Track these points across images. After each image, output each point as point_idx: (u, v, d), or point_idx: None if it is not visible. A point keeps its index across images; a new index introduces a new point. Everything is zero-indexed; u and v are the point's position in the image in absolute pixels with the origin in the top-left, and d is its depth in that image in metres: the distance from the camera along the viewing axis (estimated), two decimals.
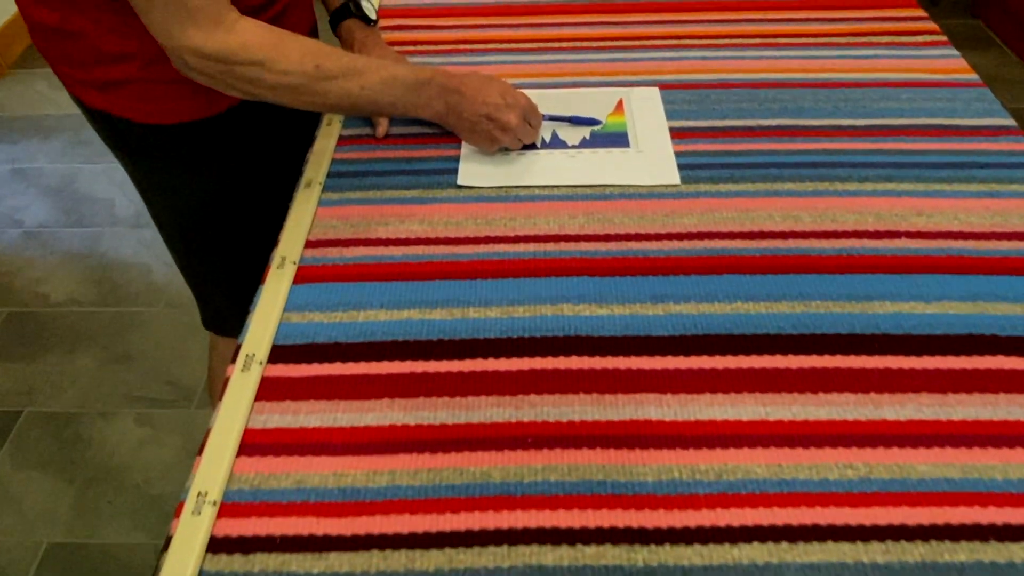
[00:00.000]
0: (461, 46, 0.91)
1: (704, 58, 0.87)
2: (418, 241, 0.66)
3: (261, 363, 0.56)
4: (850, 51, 0.88)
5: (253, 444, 0.51)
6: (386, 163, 0.74)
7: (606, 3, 0.98)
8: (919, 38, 0.90)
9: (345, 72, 0.65)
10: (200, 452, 0.51)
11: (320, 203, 0.70)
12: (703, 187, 0.70)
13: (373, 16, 0.83)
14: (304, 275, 0.63)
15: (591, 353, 0.56)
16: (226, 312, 0.90)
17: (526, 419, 0.53)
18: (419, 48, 0.91)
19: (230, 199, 0.81)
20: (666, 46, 0.89)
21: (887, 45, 0.89)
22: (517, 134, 0.72)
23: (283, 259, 0.64)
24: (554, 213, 0.68)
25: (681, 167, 0.72)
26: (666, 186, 0.70)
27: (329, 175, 0.74)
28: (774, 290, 0.61)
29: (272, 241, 0.68)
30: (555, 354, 0.56)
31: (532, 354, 0.57)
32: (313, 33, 0.88)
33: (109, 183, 1.83)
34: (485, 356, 0.56)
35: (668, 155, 0.74)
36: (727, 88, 0.82)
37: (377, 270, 0.63)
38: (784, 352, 0.56)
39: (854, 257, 0.63)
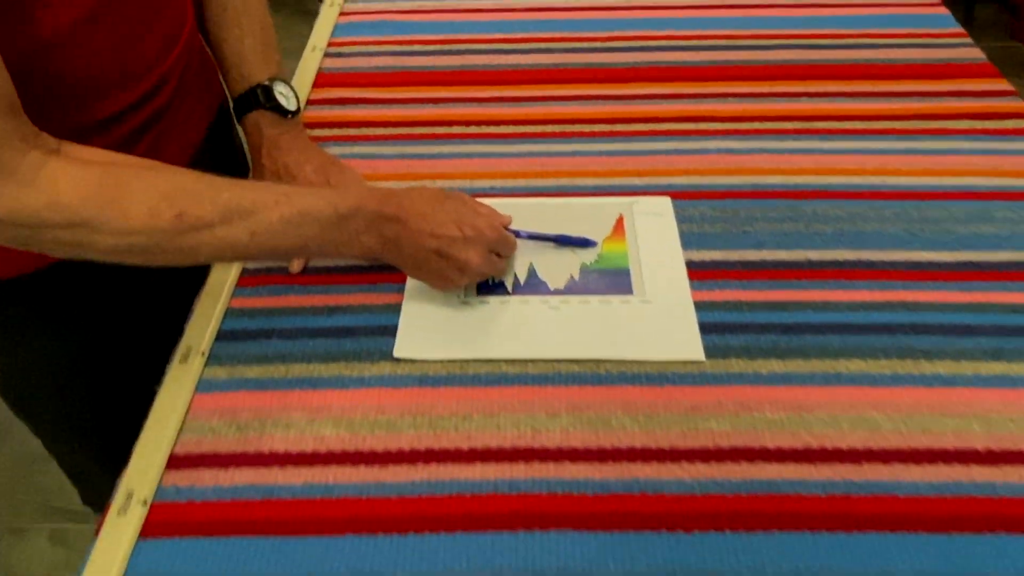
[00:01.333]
0: (413, 130, 0.71)
1: (730, 150, 0.67)
2: (328, 458, 0.46)
3: None
4: (920, 141, 0.68)
5: None
6: (298, 316, 0.54)
7: (601, 67, 0.78)
8: (1008, 123, 0.70)
9: (225, 216, 0.45)
10: None
11: (200, 386, 0.51)
12: (735, 366, 0.50)
13: (292, 105, 0.63)
14: (157, 521, 0.43)
15: None
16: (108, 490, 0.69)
17: None
18: (358, 133, 0.71)
19: (93, 365, 0.61)
20: (679, 132, 0.69)
21: (967, 133, 0.69)
22: (480, 272, 0.53)
23: (128, 496, 0.44)
24: (526, 407, 0.48)
25: (704, 329, 0.52)
26: (685, 364, 0.50)
27: (219, 336, 0.54)
28: (849, 559, 0.41)
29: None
30: None
31: None
32: (221, 124, 0.68)
33: None
34: None
35: (686, 309, 0.54)
36: (761, 197, 0.62)
37: (263, 513, 0.43)
38: None
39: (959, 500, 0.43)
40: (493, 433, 0.47)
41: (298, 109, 0.64)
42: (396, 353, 0.52)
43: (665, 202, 0.63)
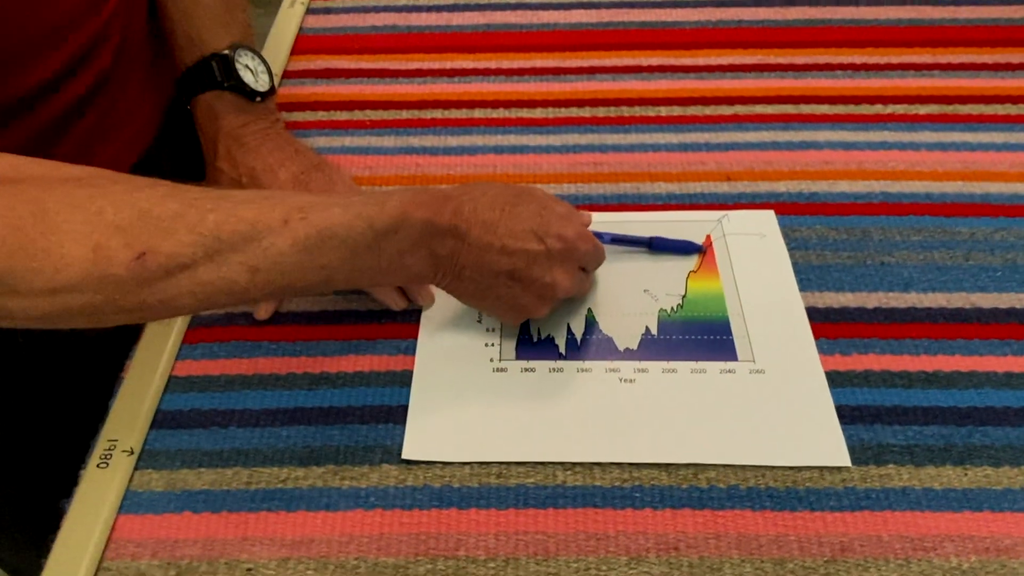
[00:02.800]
0: (423, 113, 0.54)
1: (847, 144, 0.50)
2: None
3: None
4: None
5: None
6: (268, 390, 0.39)
7: (669, 27, 0.61)
8: None
9: (211, 250, 0.30)
10: None
11: (125, 504, 0.36)
12: (895, 477, 0.35)
13: (262, 84, 0.46)
14: None
15: None
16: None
17: None
18: (349, 119, 0.54)
19: None
20: (779, 117, 0.52)
21: None
22: (567, 293, 0.38)
23: None
24: (596, 544, 0.33)
25: (845, 416, 0.37)
26: (822, 471, 0.35)
27: (156, 422, 0.39)
28: None
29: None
30: None
31: None
32: (167, 131, 0.51)
33: None
34: None
35: (817, 384, 0.38)
36: (898, 213, 0.46)
37: None
38: None
39: None
40: None
41: (271, 89, 0.47)
42: (406, 454, 0.37)
43: (768, 216, 0.47)
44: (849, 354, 0.40)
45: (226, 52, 0.46)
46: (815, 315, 0.42)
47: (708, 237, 0.46)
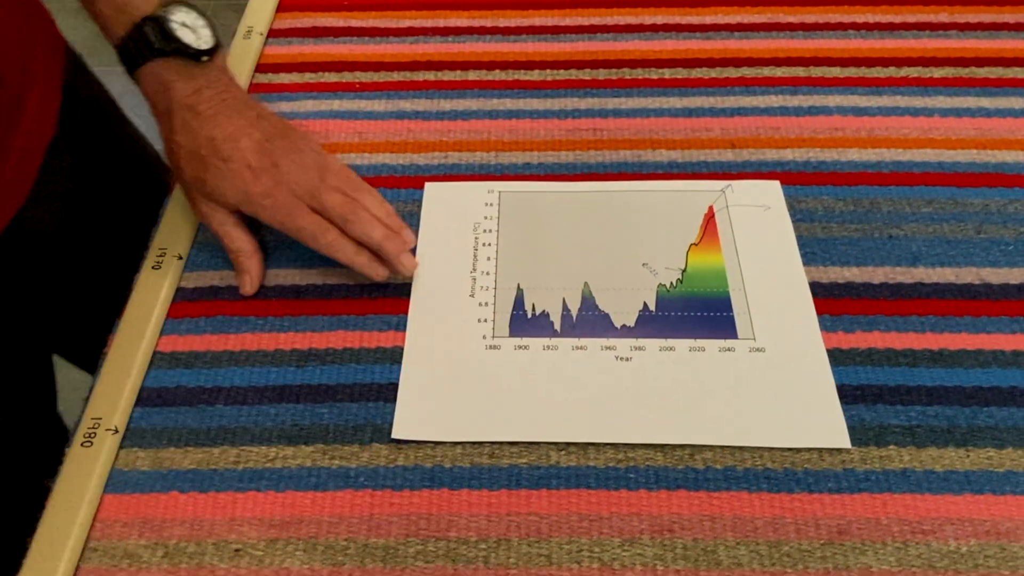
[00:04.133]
0: (415, 75, 0.52)
1: (859, 110, 0.49)
2: None
3: None
4: None
5: None
6: (256, 367, 0.38)
7: None
8: None
9: None
10: None
11: (110, 483, 0.35)
12: (896, 458, 0.35)
13: (203, 41, 0.41)
14: None
15: None
16: None
17: None
18: (337, 80, 0.52)
19: None
20: (785, 80, 0.51)
21: None
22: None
23: None
24: (590, 526, 0.33)
25: (846, 396, 0.37)
26: (821, 453, 0.35)
27: (141, 399, 0.38)
28: None
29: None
30: None
31: None
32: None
33: None
34: None
35: (818, 362, 0.38)
36: (908, 183, 0.45)
37: None
38: None
39: None
40: (542, 568, 0.33)
41: (217, 44, 0.42)
42: (396, 433, 0.36)
43: (773, 187, 0.45)
44: (853, 331, 0.39)
45: (158, 14, 0.41)
46: (818, 290, 0.41)
47: (711, 208, 0.45)
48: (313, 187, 0.41)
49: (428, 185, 0.47)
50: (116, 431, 0.37)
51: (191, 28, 0.42)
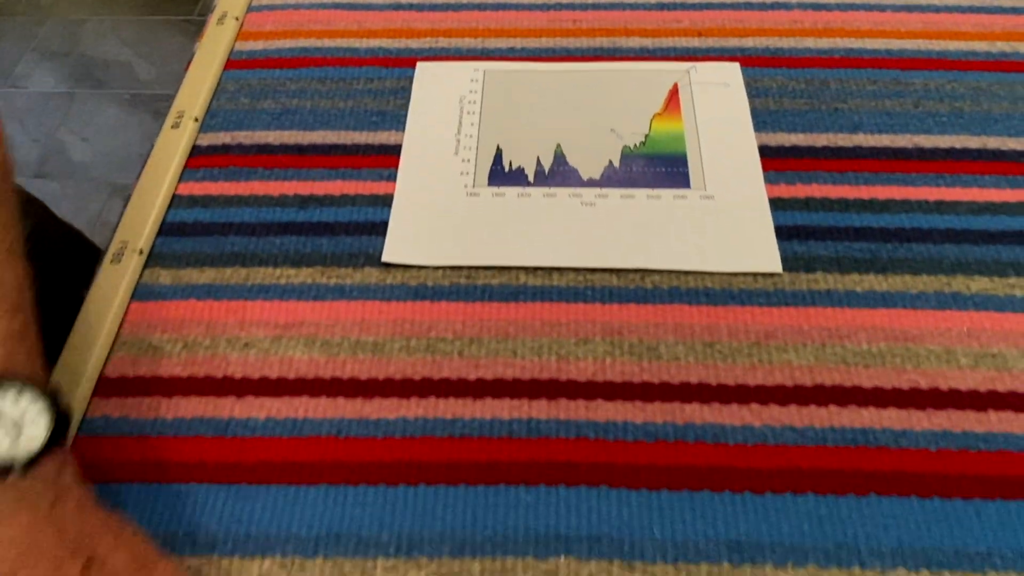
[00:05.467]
0: None
1: (816, 5, 0.54)
2: (299, 387, 0.38)
3: None
4: None
5: None
6: (263, 207, 0.45)
7: None
8: None
9: None
10: None
11: (137, 292, 0.42)
12: (822, 281, 0.40)
13: (23, 448, 0.29)
14: (80, 461, 0.33)
15: None
16: None
17: None
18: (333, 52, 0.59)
19: None
20: None
21: None
22: None
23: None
24: (551, 329, 0.39)
25: (782, 235, 0.43)
26: (756, 276, 0.41)
27: (162, 230, 0.44)
28: (969, 535, 0.33)
29: None
30: None
31: None
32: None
33: None
34: None
35: (759, 207, 0.44)
36: (857, 66, 0.50)
37: (215, 454, 0.36)
38: None
39: None
40: (508, 360, 0.39)
41: (51, 442, 0.30)
42: (385, 257, 0.42)
43: (733, 68, 0.51)
44: (793, 184, 0.45)
45: None
46: (766, 152, 0.47)
47: (675, 85, 0.50)
48: None
49: (420, 64, 0.52)
50: (142, 252, 0.43)
51: (10, 424, 0.29)
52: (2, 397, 0.29)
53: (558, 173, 0.46)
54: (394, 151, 0.48)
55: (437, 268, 0.42)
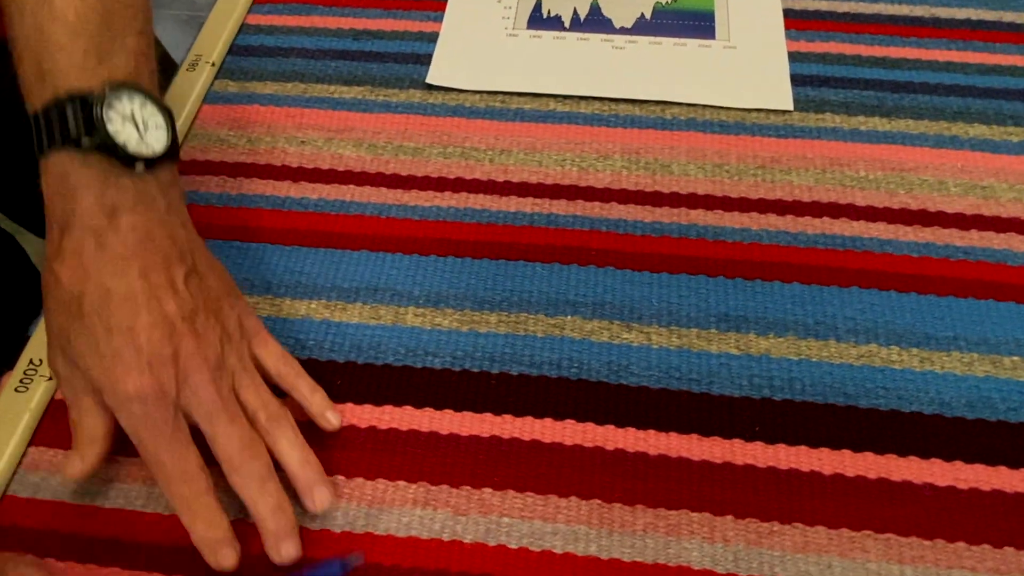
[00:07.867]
0: None
1: None
2: (347, 177, 0.43)
3: None
4: None
5: None
6: (322, 37, 0.50)
7: None
8: None
9: None
10: None
11: (208, 97, 0.48)
12: (829, 120, 0.45)
13: (150, 145, 0.32)
14: None
15: (607, 420, 0.35)
16: None
17: None
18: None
19: None
20: None
21: None
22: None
23: None
24: (574, 147, 0.44)
25: (798, 82, 0.47)
26: (768, 113, 0.45)
27: (232, 51, 0.51)
28: (941, 322, 0.37)
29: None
30: (544, 414, 0.35)
31: (502, 411, 0.35)
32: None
33: None
34: (427, 406, 0.35)
35: (777, 55, 0.48)
36: None
37: (271, 222, 0.41)
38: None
39: None
40: (534, 169, 0.44)
41: (167, 154, 0.33)
42: (429, 79, 0.48)
43: None
44: (813, 41, 0.49)
45: (95, 92, 0.31)
46: (790, 14, 0.50)
47: None
48: (213, 409, 0.31)
49: None
50: (214, 64, 0.49)
51: (137, 124, 0.32)
52: (131, 100, 0.32)
53: (592, 21, 0.51)
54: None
55: (475, 92, 0.47)
